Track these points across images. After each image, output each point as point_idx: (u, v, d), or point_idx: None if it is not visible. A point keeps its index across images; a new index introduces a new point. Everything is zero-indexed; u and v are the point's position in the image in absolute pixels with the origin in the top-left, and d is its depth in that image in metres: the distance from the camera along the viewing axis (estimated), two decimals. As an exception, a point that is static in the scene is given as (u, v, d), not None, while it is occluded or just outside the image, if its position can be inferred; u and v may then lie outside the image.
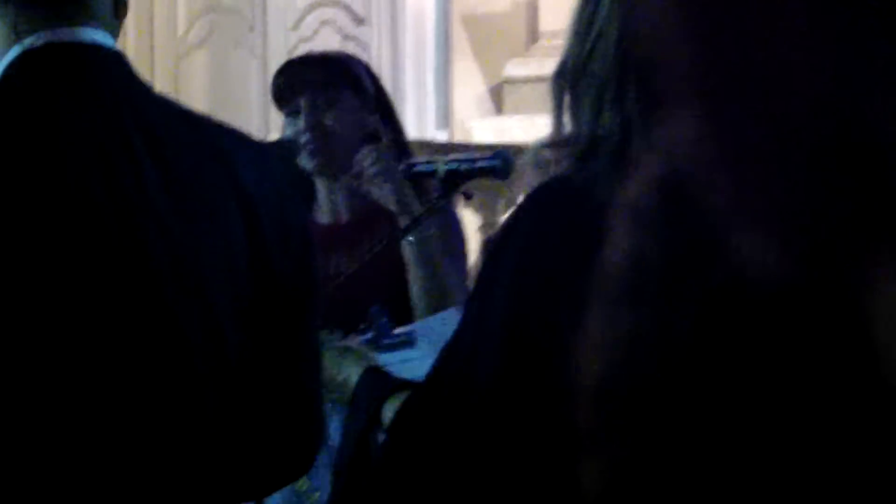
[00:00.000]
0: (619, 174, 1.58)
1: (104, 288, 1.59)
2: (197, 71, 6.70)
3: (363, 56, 6.73)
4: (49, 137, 1.62)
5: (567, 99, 1.74)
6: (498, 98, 6.59)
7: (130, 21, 6.88)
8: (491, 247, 1.76)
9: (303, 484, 2.61)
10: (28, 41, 1.65)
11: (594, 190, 1.63)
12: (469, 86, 6.70)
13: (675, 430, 0.54)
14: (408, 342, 2.54)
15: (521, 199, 1.90)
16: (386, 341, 2.51)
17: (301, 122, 2.86)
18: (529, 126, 4.72)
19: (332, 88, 2.88)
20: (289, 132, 2.90)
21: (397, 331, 2.57)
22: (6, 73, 1.67)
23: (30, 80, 1.66)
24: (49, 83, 1.65)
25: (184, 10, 6.68)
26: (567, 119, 1.76)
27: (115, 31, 1.74)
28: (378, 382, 2.38)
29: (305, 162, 2.88)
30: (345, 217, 2.94)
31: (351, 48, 6.74)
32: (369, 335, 2.52)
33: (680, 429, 0.54)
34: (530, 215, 1.72)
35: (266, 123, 6.27)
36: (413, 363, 2.49)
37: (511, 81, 6.33)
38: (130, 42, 6.79)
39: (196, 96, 6.42)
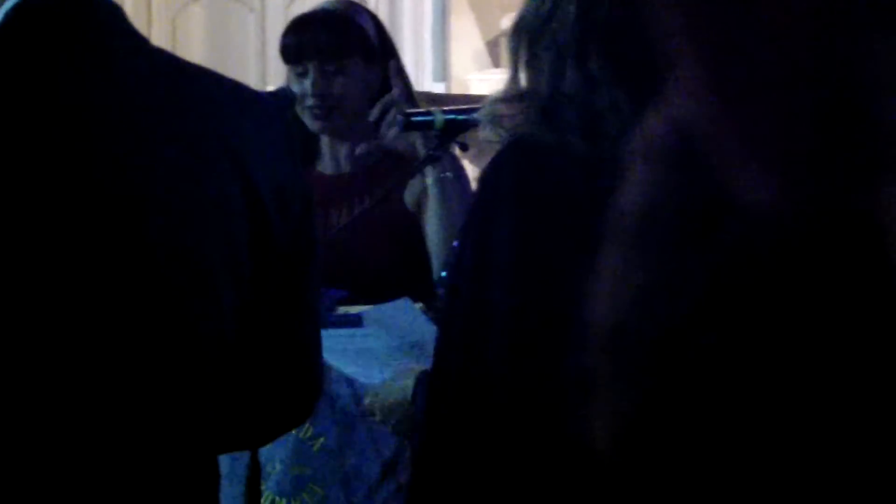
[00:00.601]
0: (593, 130, 1.59)
1: (92, 246, 1.58)
2: (194, 25, 6.68)
3: (360, 10, 6.71)
4: (43, 92, 1.61)
5: (524, 55, 1.74)
6: (495, 52, 6.58)
7: (127, -25, 6.85)
8: (476, 209, 1.75)
9: (307, 431, 2.64)
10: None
11: (570, 147, 1.63)
12: (466, 40, 6.69)
13: (688, 378, 0.55)
14: (355, 322, 2.56)
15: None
16: (332, 318, 2.52)
17: (308, 85, 2.87)
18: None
19: (342, 54, 2.88)
20: (295, 89, 2.91)
21: (343, 311, 2.59)
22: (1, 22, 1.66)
23: (24, 33, 1.64)
24: (44, 35, 1.64)
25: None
26: (523, 75, 1.76)
27: None
28: None
29: (310, 123, 2.90)
30: (347, 168, 2.95)
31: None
32: None
33: (693, 378, 0.55)
34: (512, 176, 1.71)
35: (263, 77, 6.26)
36: (358, 339, 2.52)
37: (507, 35, 6.30)
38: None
39: (193, 50, 6.40)
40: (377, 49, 2.95)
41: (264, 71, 6.42)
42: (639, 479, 0.57)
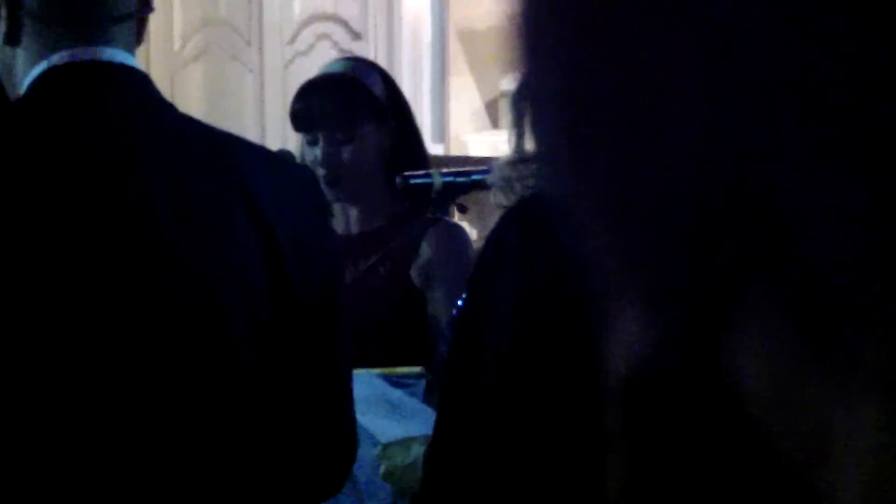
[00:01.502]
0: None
1: (115, 314, 1.58)
2: (193, 84, 6.69)
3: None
4: (66, 153, 1.63)
5: (529, 116, 1.75)
6: (494, 112, 6.60)
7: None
8: (482, 267, 1.76)
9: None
10: (54, 58, 1.67)
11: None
12: (465, 100, 6.71)
13: (702, 434, 0.54)
14: None
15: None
16: None
17: (319, 153, 2.86)
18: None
19: (352, 122, 2.86)
20: (307, 155, 2.89)
21: None
22: (30, 87, 1.69)
23: (52, 96, 1.68)
24: (70, 99, 1.67)
25: (180, 23, 6.68)
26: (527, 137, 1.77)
27: (134, 54, 1.76)
28: None
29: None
30: (356, 229, 2.94)
31: (347, 63, 6.75)
32: None
33: (707, 434, 0.53)
34: (517, 235, 1.72)
35: (262, 138, 6.27)
36: None
37: (507, 96, 6.34)
38: (126, 56, 6.79)
39: (192, 110, 6.40)
40: (388, 110, 2.94)
41: (263, 131, 6.43)
42: None
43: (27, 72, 1.69)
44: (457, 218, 3.07)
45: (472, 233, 5.19)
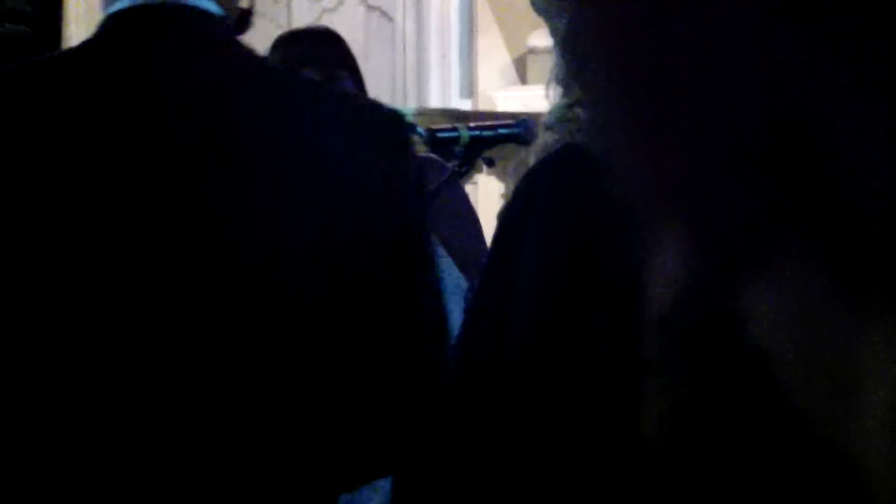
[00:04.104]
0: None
1: (167, 260, 1.56)
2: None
3: (387, 27, 6.72)
4: (117, 92, 1.62)
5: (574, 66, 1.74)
6: (522, 69, 6.57)
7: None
8: (512, 214, 1.74)
9: None
10: (120, 3, 1.67)
11: (614, 155, 1.63)
12: (493, 57, 6.68)
13: (740, 370, 0.54)
14: None
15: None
16: None
17: None
18: (553, 96, 4.69)
19: (335, 70, 2.94)
20: None
21: None
22: (98, 28, 1.69)
23: (116, 37, 1.67)
24: (127, 39, 1.66)
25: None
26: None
27: (226, 4, 1.73)
28: None
29: None
30: None
31: (375, 19, 6.71)
32: None
33: (746, 370, 0.54)
34: (550, 181, 1.71)
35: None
36: None
37: (535, 52, 6.31)
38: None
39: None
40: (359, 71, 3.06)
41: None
42: (686, 468, 0.56)
43: (105, 10, 1.70)
44: (484, 171, 3.07)
45: (500, 187, 5.18)
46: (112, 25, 1.67)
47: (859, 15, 0.46)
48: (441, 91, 6.68)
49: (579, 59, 0.57)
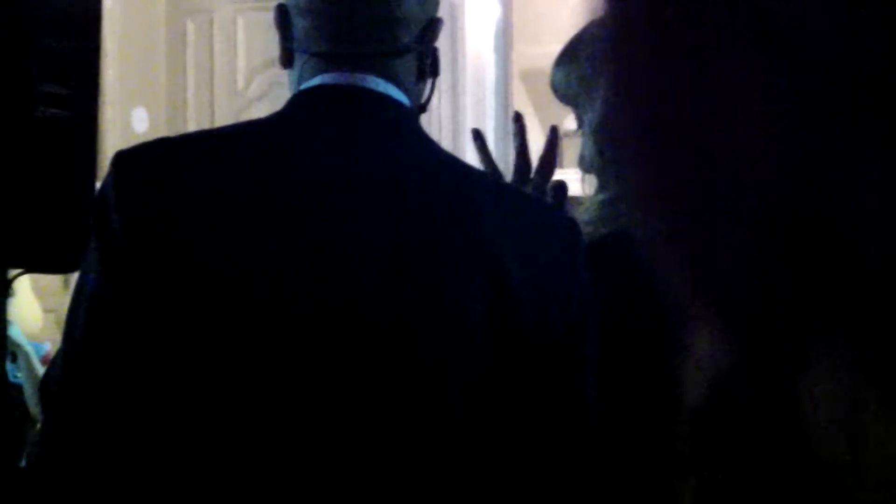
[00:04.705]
0: None
1: (314, 348, 1.57)
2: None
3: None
4: (297, 168, 1.63)
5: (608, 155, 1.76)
6: (558, 153, 6.59)
7: (190, 75, 6.92)
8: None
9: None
10: (316, 80, 1.71)
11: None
12: (529, 141, 6.70)
13: (774, 457, 0.52)
14: None
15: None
16: None
17: None
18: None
19: None
20: None
21: None
22: (287, 103, 1.73)
23: (300, 111, 1.70)
24: (314, 115, 1.68)
25: (243, 64, 6.72)
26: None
27: (415, 95, 1.77)
28: None
29: None
30: None
31: (410, 103, 6.76)
32: None
33: (780, 457, 0.52)
34: (595, 268, 1.71)
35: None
36: None
37: (570, 136, 6.33)
38: (190, 96, 6.83)
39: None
40: None
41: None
42: None
43: (294, 90, 1.74)
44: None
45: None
46: (303, 101, 1.70)
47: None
48: (476, 175, 6.69)
49: (616, 147, 0.55)
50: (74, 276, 1.75)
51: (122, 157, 1.64)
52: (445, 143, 6.72)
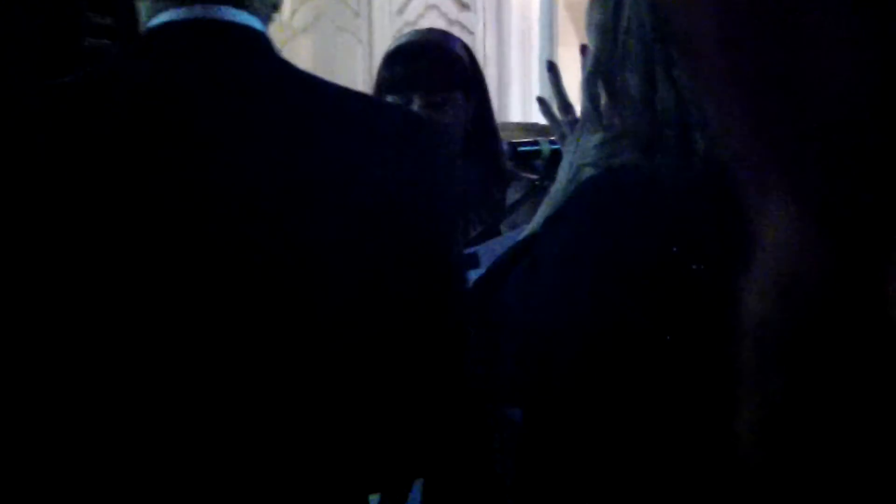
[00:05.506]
0: (687, 148, 1.57)
1: (202, 267, 1.57)
2: (302, 56, 6.72)
3: (468, 41, 6.73)
4: (158, 104, 1.62)
5: (605, 93, 1.74)
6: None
7: (237, 6, 6.92)
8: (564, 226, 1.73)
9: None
10: (171, 13, 1.67)
11: (662, 170, 1.62)
12: (574, 70, 6.67)
13: (834, 372, 0.52)
14: (473, 263, 2.52)
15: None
16: None
17: None
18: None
19: (448, 87, 2.89)
20: None
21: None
22: (135, 46, 1.69)
23: (156, 49, 1.67)
24: (172, 53, 1.66)
25: (289, -6, 6.71)
26: (606, 113, 1.76)
27: (266, 17, 1.73)
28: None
29: None
30: None
31: (456, 33, 6.72)
32: None
33: (839, 371, 0.52)
34: (595, 201, 1.69)
35: (370, 108, 6.28)
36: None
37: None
38: (237, 27, 6.83)
39: (301, 81, 6.44)
40: (472, 79, 2.97)
41: (371, 102, 6.45)
42: (781, 470, 0.54)
43: (147, 24, 1.70)
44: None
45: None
46: (155, 38, 1.67)
47: None
48: (522, 105, 6.67)
49: (693, 60, 0.56)
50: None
51: None
52: (490, 73, 6.69)
